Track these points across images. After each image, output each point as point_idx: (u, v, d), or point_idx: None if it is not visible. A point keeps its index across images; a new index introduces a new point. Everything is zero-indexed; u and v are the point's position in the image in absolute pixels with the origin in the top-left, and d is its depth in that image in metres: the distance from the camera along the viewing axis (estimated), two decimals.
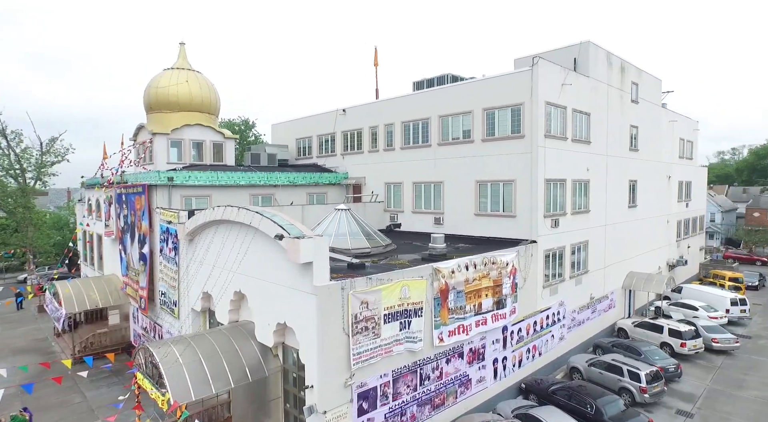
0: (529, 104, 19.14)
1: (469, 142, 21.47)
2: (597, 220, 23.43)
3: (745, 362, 22.31)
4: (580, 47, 22.39)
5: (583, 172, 22.03)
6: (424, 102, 23.36)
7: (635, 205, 27.49)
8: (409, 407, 13.91)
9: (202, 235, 16.52)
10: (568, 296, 21.36)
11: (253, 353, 13.40)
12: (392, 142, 25.22)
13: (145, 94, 27.40)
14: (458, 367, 15.59)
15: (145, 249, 20.72)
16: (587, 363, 19.38)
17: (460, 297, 15.29)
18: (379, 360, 12.81)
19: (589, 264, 22.86)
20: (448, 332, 14.92)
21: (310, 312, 11.54)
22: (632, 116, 26.74)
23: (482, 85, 20.92)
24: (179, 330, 18.30)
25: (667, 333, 22.55)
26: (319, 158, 30.17)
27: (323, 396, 11.61)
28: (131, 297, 23.28)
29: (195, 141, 26.98)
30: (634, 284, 26.25)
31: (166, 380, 11.57)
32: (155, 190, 20.39)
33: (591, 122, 22.54)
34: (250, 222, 13.03)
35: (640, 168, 27.89)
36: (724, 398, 18.43)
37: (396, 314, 13.20)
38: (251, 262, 13.66)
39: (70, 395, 19.53)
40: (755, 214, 57.22)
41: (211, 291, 15.84)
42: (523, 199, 19.48)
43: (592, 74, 22.49)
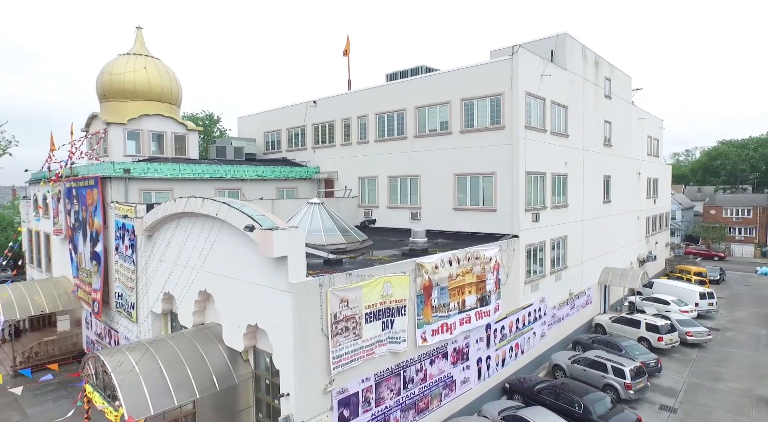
0: (509, 94, 18.57)
1: (447, 134, 20.73)
2: (575, 215, 23.20)
3: (718, 354, 22.54)
4: (557, 39, 22.09)
5: (561, 166, 21.71)
6: (400, 93, 22.48)
7: (609, 200, 27.56)
8: (393, 413, 12.92)
9: (162, 230, 15.00)
10: (549, 293, 20.95)
11: (221, 358, 12.08)
12: (366, 134, 24.21)
13: (97, 81, 25.33)
14: (442, 368, 14.74)
15: (98, 248, 18.87)
16: (570, 361, 18.96)
17: (443, 294, 14.44)
18: (360, 362, 11.77)
19: (567, 260, 22.57)
20: (432, 331, 14.05)
21: (285, 312, 10.37)
22: (606, 111, 26.78)
23: (460, 74, 20.22)
24: (137, 335, 16.65)
25: (644, 328, 22.53)
26: (289, 152, 28.81)
27: (301, 404, 10.46)
28: (83, 301, 21.26)
29: (155, 133, 25.13)
30: (610, 279, 26.25)
31: (120, 392, 10.13)
32: (110, 183, 18.59)
33: (569, 115, 22.27)
34: (216, 214, 11.72)
35: (613, 164, 28.01)
36: (703, 391, 18.38)
37: (378, 313, 12.20)
38: (218, 258, 12.34)
39: (7, 413, 17.45)
40: (711, 211, 59.54)
41: (173, 291, 14.36)
42: (504, 192, 18.89)
43: (569, 67, 22.23)
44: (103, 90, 24.96)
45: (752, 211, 57.38)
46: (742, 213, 57.83)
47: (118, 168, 18.73)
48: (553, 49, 22.05)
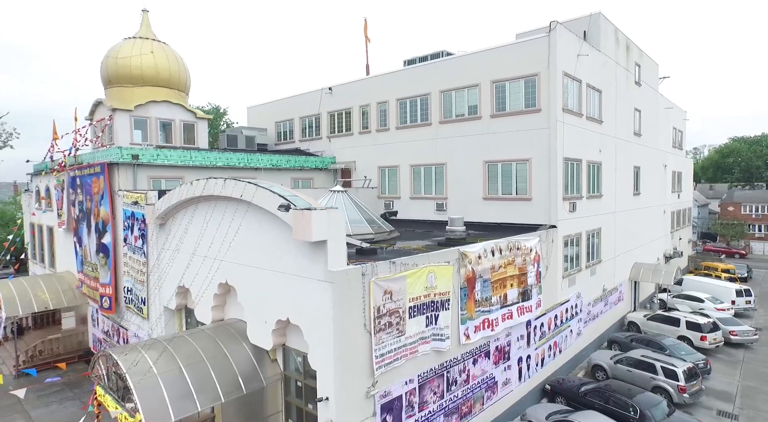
0: (545, 74, 17.26)
1: (476, 118, 19.42)
2: (608, 206, 21.89)
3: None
4: (590, 20, 20.77)
5: (596, 153, 20.41)
6: (424, 76, 21.17)
7: (639, 193, 26.24)
8: (436, 418, 11.63)
9: (177, 217, 13.72)
10: (584, 288, 19.64)
11: (246, 358, 10.79)
12: (387, 121, 22.91)
13: (102, 66, 24.04)
14: (485, 368, 13.44)
15: (106, 239, 17.59)
16: (612, 361, 17.63)
17: (486, 287, 13.15)
18: (403, 362, 10.49)
19: (602, 254, 21.26)
20: (474, 327, 12.76)
21: (324, 305, 9.08)
22: (636, 98, 25.47)
23: (491, 55, 18.91)
24: (149, 333, 15.39)
25: (684, 326, 21.19)
26: (302, 142, 27.51)
27: (341, 409, 9.17)
28: (89, 297, 20.00)
29: (162, 120, 23.83)
30: (641, 275, 24.92)
31: (136, 395, 8.85)
32: (117, 169, 17.33)
33: (602, 100, 20.96)
34: (241, 195, 10.43)
35: (642, 155, 26.69)
36: (762, 396, 17.01)
37: (422, 306, 10.91)
38: (242, 246, 11.06)
39: (11, 415, 16.20)
40: (729, 208, 58.15)
41: (190, 285, 13.09)
42: (540, 180, 17.58)
43: (602, 49, 20.92)
44: (108, 75, 23.68)
45: None
46: (762, 210, 56.41)
47: (126, 154, 17.46)
48: (586, 30, 20.72)
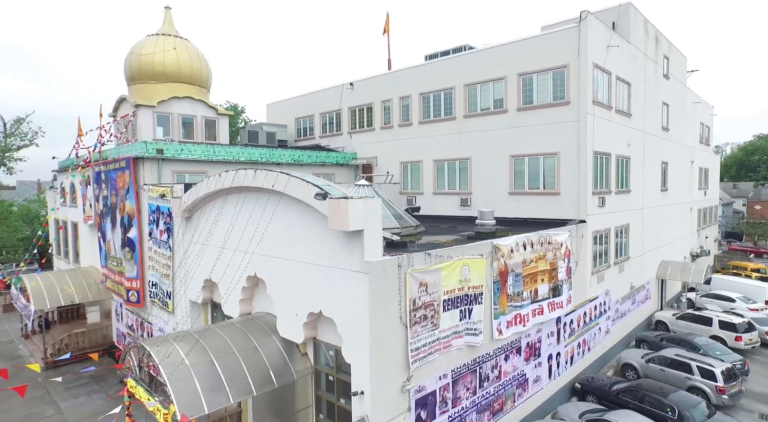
0: (575, 66, 16.83)
1: (502, 112, 19.06)
2: (636, 202, 21.34)
3: None
4: (620, 10, 20.25)
5: (624, 147, 19.88)
6: (447, 70, 20.86)
7: (666, 189, 25.57)
8: (469, 414, 11.35)
9: (204, 210, 13.65)
10: (613, 285, 19.16)
11: (277, 351, 10.65)
12: (409, 116, 22.65)
13: (125, 62, 24.21)
14: (516, 365, 13.12)
15: (132, 234, 17.65)
16: (644, 360, 17.14)
17: (517, 282, 12.83)
18: (437, 357, 10.24)
19: (630, 250, 20.73)
20: (507, 322, 12.45)
21: (360, 296, 8.87)
22: (664, 92, 24.81)
23: (517, 47, 18.53)
24: (174, 327, 15.36)
25: (717, 326, 20.54)
26: (323, 138, 27.40)
27: (377, 404, 8.96)
28: (113, 291, 20.13)
29: (184, 116, 23.90)
30: (669, 273, 24.27)
31: (170, 387, 8.75)
32: (142, 164, 17.36)
33: (631, 93, 20.43)
34: (273, 185, 10.28)
35: (670, 150, 26.01)
36: None
37: (456, 300, 10.65)
38: (273, 238, 10.90)
39: (41, 406, 16.34)
40: (756, 207, 56.62)
41: (217, 278, 13.00)
42: (569, 174, 17.16)
43: (632, 40, 20.38)
44: (132, 72, 23.84)
45: None
46: None
47: (150, 148, 17.49)
48: (615, 21, 20.20)
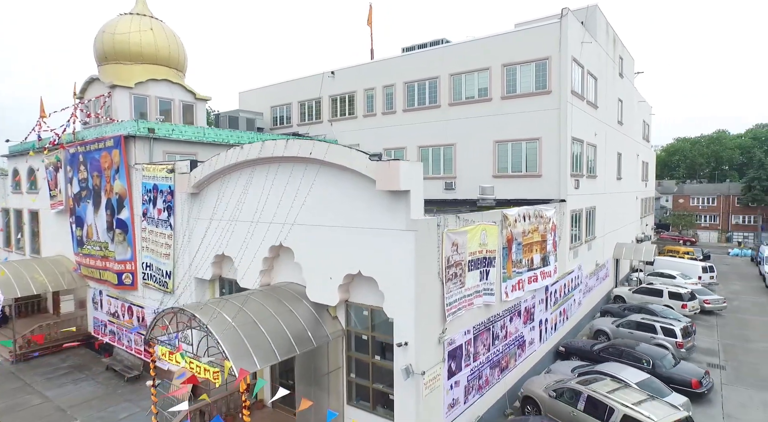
0: (556, 58, 18.40)
1: (487, 100, 20.34)
2: (600, 187, 23.47)
3: (735, 320, 23.50)
4: (588, 11, 22.25)
5: (592, 136, 21.86)
6: (432, 60, 21.86)
7: (621, 178, 28.19)
8: (485, 369, 12.34)
9: (215, 185, 13.65)
10: (584, 261, 21.03)
11: (310, 314, 11.03)
12: (393, 105, 23.43)
13: (97, 41, 23.12)
14: (517, 327, 14.31)
15: (123, 215, 17.06)
16: (614, 325, 19.04)
17: (519, 250, 14.01)
18: (463, 313, 11.12)
19: (596, 230, 22.79)
20: (512, 286, 13.59)
21: (406, 254, 9.54)
22: (619, 89, 27.36)
23: (501, 40, 19.89)
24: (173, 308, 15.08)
25: (667, 296, 23.12)
26: (301, 126, 27.51)
27: (420, 353, 9.68)
28: (91, 278, 19.27)
29: (162, 99, 23.23)
30: (624, 253, 26.82)
31: (223, 346, 8.94)
32: (134, 143, 16.86)
33: (597, 87, 22.48)
34: (311, 153, 10.66)
35: (623, 142, 28.68)
36: (740, 351, 19.00)
37: (477, 261, 11.58)
38: (305, 206, 11.24)
39: (23, 397, 15.43)
40: (680, 200, 62.93)
41: (232, 252, 13.09)
42: (550, 157, 18.71)
43: (597, 40, 22.43)
44: (105, 51, 22.78)
45: (716, 200, 61.06)
46: (708, 202, 61.41)
47: (142, 127, 17.02)
48: (584, 21, 22.13)
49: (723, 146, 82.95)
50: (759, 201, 59.59)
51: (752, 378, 16.44)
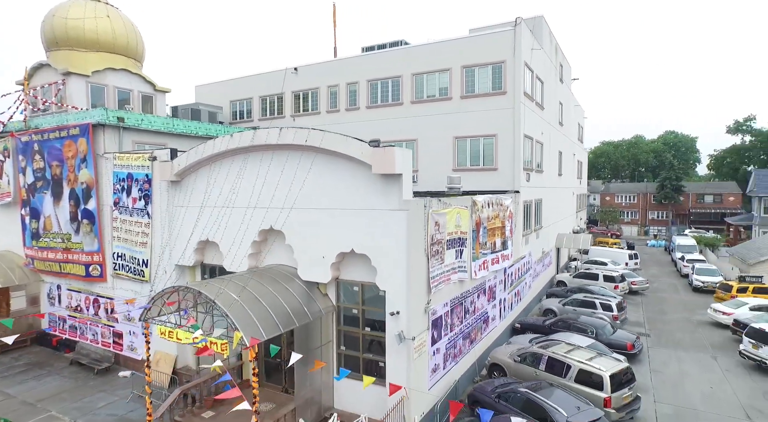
0: (511, 62, 20.26)
1: (447, 99, 21.85)
2: (546, 181, 25.83)
3: (655, 298, 26.86)
4: (535, 21, 24.47)
5: (540, 134, 24.09)
6: (395, 60, 23.07)
7: (561, 174, 30.98)
8: (458, 339, 13.69)
9: (200, 173, 13.95)
10: (533, 248, 23.17)
11: (303, 292, 11.78)
12: (356, 101, 24.38)
13: (46, 25, 22.07)
14: (483, 304, 15.82)
15: (90, 205, 16.68)
16: (560, 304, 21.25)
17: (484, 233, 15.52)
18: (443, 287, 12.37)
19: (542, 220, 25.09)
20: (479, 266, 15.04)
21: (398, 231, 10.62)
22: (559, 93, 30.09)
23: (461, 43, 21.48)
24: (151, 296, 15.12)
25: (602, 279, 25.94)
26: (263, 121, 27.68)
27: (410, 321, 10.79)
28: (47, 273, 18.55)
29: (120, 90, 22.64)
30: (564, 242, 29.58)
31: (233, 318, 9.52)
32: (103, 131, 16.58)
33: (544, 90, 24.78)
34: (306, 140, 11.44)
35: (563, 142, 31.51)
36: (659, 322, 21.97)
37: (453, 241, 12.88)
38: (302, 191, 11.95)
39: None
40: (607, 198, 69.00)
41: (217, 238, 13.48)
42: (505, 152, 20.53)
43: (543, 47, 24.73)
44: (56, 36, 21.80)
45: (636, 197, 67.62)
46: (629, 199, 67.84)
47: (111, 116, 16.78)
48: (531, 30, 24.33)
49: (640, 150, 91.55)
50: (670, 198, 66.89)
51: (669, 341, 19.26)
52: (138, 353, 16.18)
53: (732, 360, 17.23)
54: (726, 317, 20.57)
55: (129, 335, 16.42)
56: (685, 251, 36.17)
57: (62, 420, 13.01)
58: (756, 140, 67.82)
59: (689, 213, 66.10)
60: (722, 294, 24.21)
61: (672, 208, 67.23)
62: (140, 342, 16.16)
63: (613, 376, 11.92)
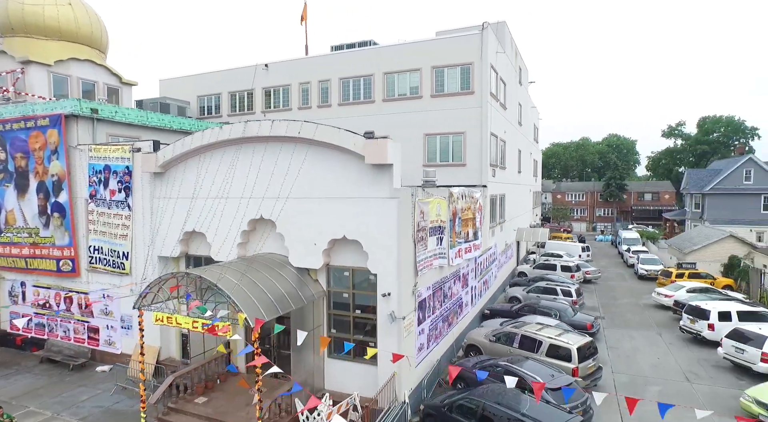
0: (478, 64, 21.49)
1: (417, 98, 22.80)
2: (508, 178, 27.39)
3: (606, 286, 29.16)
4: (498, 26, 25.92)
5: (503, 133, 25.56)
6: (367, 59, 23.76)
7: (521, 172, 32.80)
8: (439, 322, 14.59)
9: (188, 164, 14.06)
10: (498, 240, 24.57)
11: (296, 278, 12.26)
12: (328, 98, 24.89)
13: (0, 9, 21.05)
14: (458, 290, 16.84)
15: (61, 198, 16.25)
16: (524, 292, 22.72)
17: (459, 223, 16.54)
18: (427, 271, 13.21)
19: (505, 214, 26.60)
20: (455, 254, 16.03)
21: (390, 218, 11.35)
22: (518, 94, 31.86)
23: (432, 45, 22.49)
24: (132, 290, 15.05)
25: (560, 269, 27.82)
26: (232, 117, 27.53)
27: (401, 302, 11.56)
28: (9, 270, 17.83)
29: (85, 81, 21.99)
30: (524, 236, 31.37)
31: (236, 301, 9.89)
32: (76, 123, 16.21)
33: (506, 92, 26.30)
34: (299, 132, 11.94)
35: (522, 141, 33.35)
36: (612, 305, 24.03)
37: (434, 229, 13.76)
38: (296, 181, 12.38)
39: None
40: (558, 196, 72.87)
41: (204, 228, 13.69)
42: (473, 149, 21.73)
43: (506, 51, 26.25)
44: (11, 22, 20.86)
45: (585, 195, 71.87)
46: (578, 198, 72.01)
47: (84, 107, 16.44)
48: (495, 34, 25.78)
49: (587, 151, 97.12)
50: (615, 197, 71.71)
51: (621, 322, 21.26)
52: (117, 347, 15.97)
53: (673, 335, 19.29)
54: (667, 299, 22.81)
55: (107, 329, 16.15)
56: (630, 244, 39.25)
57: (43, 414, 12.76)
58: (685, 144, 73.95)
59: (631, 210, 71.09)
60: (663, 280, 26.72)
61: (616, 205, 72.08)
62: (119, 336, 15.98)
63: (580, 349, 13.24)
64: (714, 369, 15.55)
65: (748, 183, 40.91)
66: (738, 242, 29.01)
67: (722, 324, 17.27)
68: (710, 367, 15.77)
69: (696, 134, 72.30)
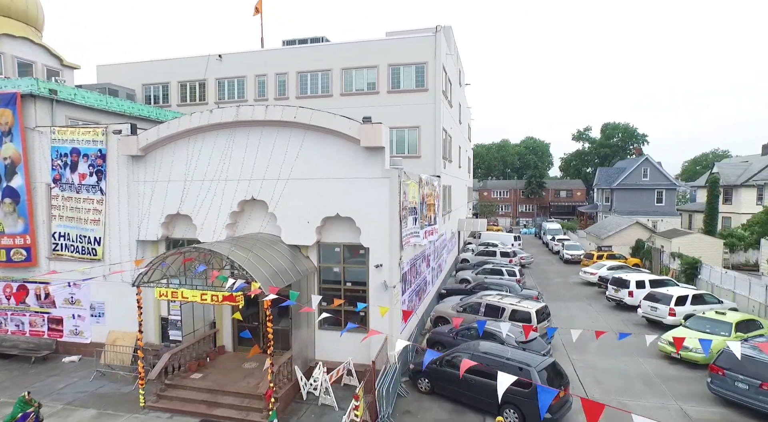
0: (432, 64, 23.28)
1: (375, 93, 24.10)
2: (453, 171, 29.59)
3: (539, 269, 32.56)
4: (444, 30, 27.95)
5: (450, 128, 27.67)
6: (326, 55, 24.62)
7: (460, 167, 35.33)
8: (413, 295, 15.99)
9: (171, 147, 14.11)
10: (447, 229, 26.58)
11: (290, 254, 12.98)
12: (286, 91, 25.33)
13: None
14: (424, 269, 18.37)
15: (15, 182, 15.32)
16: (474, 273, 24.91)
17: (424, 207, 18.08)
18: (407, 248, 14.54)
19: (452, 205, 28.74)
20: (423, 234, 17.54)
21: (382, 196, 12.54)
22: (458, 95, 34.36)
23: (388, 44, 23.92)
24: (105, 276, 14.72)
25: (499, 255, 30.59)
26: (182, 107, 26.86)
27: (391, 272, 12.77)
28: None
29: (21, 61, 20.54)
30: (465, 226, 33.90)
31: (250, 271, 10.49)
32: (34, 103, 15.41)
33: (452, 91, 28.46)
34: (295, 117, 12.69)
35: (460, 138, 35.91)
36: (549, 286, 27.10)
37: (411, 209, 15.13)
38: (294, 163, 13.08)
39: None
40: (485, 193, 77.90)
41: (189, 210, 13.89)
42: (427, 142, 23.48)
43: (452, 53, 28.40)
44: None
45: (509, 193, 77.62)
46: (503, 195, 77.57)
47: (43, 87, 15.67)
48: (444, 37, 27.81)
49: (507, 152, 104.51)
50: (535, 194, 78.34)
51: (557, 297, 24.26)
52: (86, 336, 15.43)
53: (601, 304, 22.50)
54: (593, 276, 26.29)
55: (73, 319, 15.52)
56: (554, 234, 43.73)
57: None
58: (591, 147, 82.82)
59: (549, 206, 78.08)
60: (587, 261, 30.50)
61: (536, 202, 78.75)
62: (87, 324, 15.46)
63: (537, 311, 15.33)
64: (635, 327, 18.63)
65: (646, 180, 47.32)
66: (642, 228, 33.83)
67: (639, 291, 20.59)
68: (632, 325, 18.85)
69: (600, 138, 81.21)
